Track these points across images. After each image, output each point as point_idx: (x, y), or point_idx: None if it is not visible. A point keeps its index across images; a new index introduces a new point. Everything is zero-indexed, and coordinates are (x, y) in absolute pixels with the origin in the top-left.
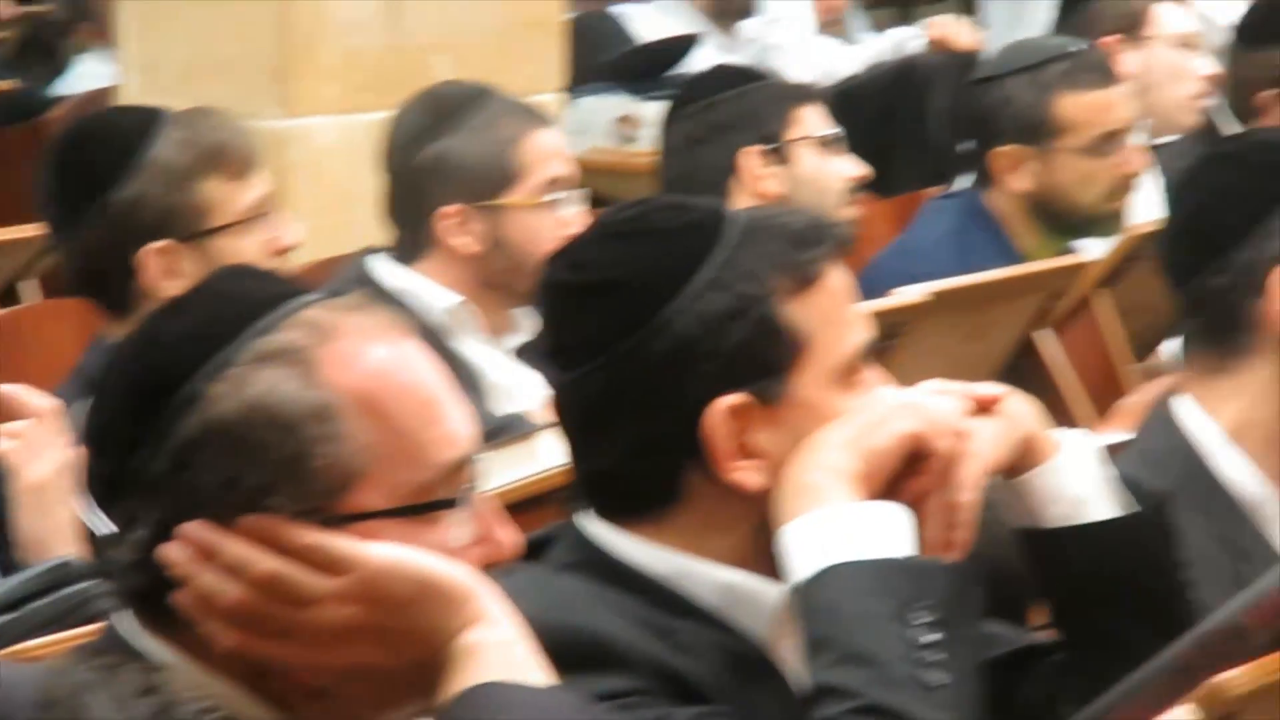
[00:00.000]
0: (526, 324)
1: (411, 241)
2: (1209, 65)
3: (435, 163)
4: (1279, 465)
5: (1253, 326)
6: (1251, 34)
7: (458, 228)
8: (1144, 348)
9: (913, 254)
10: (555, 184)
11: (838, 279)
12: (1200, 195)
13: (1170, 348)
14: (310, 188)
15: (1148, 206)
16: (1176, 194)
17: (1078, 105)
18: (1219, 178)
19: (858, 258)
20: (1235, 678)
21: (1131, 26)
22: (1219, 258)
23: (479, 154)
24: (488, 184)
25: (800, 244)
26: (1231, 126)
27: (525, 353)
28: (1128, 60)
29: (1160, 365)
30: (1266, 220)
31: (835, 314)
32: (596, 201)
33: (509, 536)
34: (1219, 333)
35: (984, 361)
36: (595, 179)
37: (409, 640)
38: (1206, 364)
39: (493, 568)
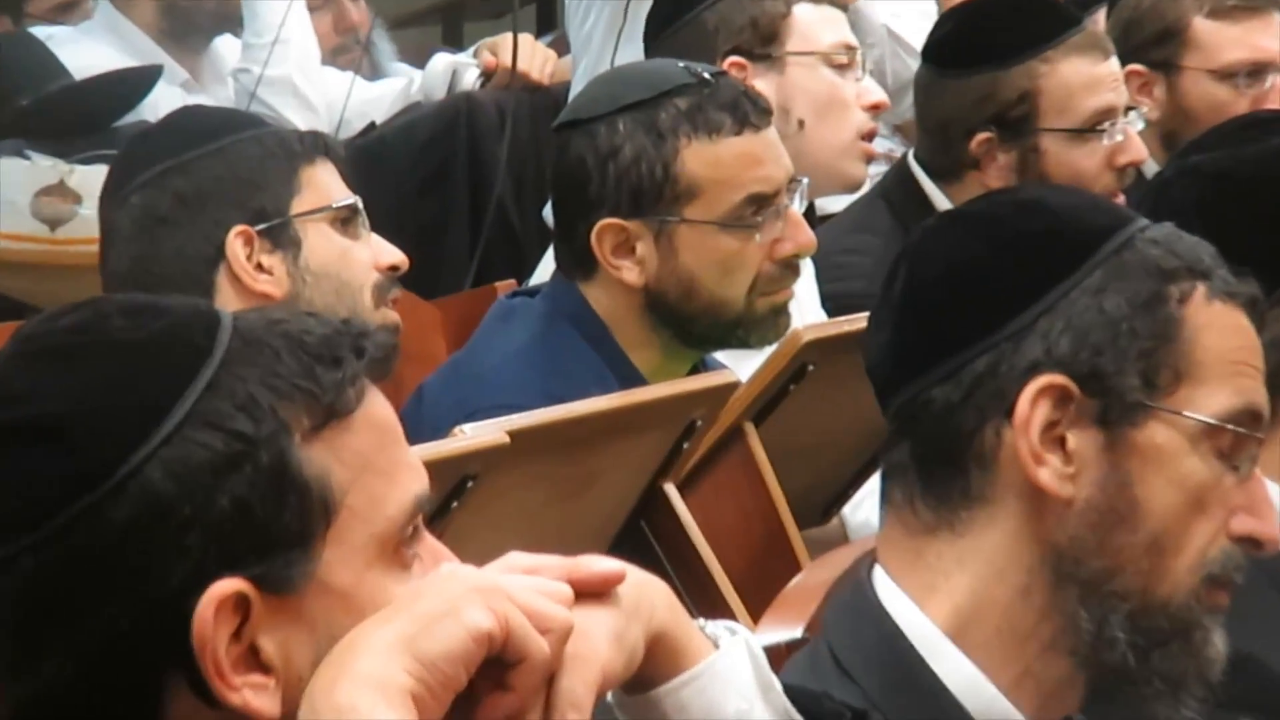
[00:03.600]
0: None
1: None
2: (877, 92)
3: None
4: (1019, 671)
5: (987, 465)
6: (952, 55)
7: None
8: (819, 503)
9: (479, 377)
10: None
11: (376, 412)
12: (930, 274)
13: (860, 502)
14: None
15: (810, 304)
16: (895, 271)
17: (708, 159)
18: (957, 251)
19: (401, 382)
20: None
21: (765, 40)
22: (949, 361)
23: None
24: None
25: (321, 363)
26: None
27: None
28: (764, 88)
29: (845, 527)
30: (1022, 314)
31: (375, 461)
32: (17, 311)
33: None
34: (938, 474)
35: (589, 526)
36: (14, 277)
37: None
38: (918, 523)
39: None
